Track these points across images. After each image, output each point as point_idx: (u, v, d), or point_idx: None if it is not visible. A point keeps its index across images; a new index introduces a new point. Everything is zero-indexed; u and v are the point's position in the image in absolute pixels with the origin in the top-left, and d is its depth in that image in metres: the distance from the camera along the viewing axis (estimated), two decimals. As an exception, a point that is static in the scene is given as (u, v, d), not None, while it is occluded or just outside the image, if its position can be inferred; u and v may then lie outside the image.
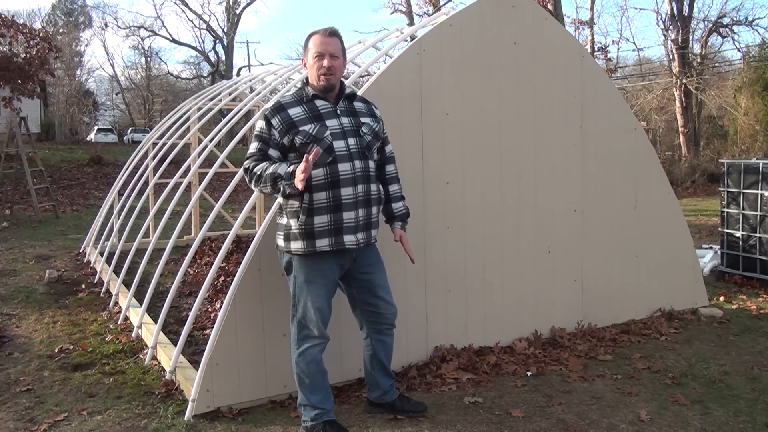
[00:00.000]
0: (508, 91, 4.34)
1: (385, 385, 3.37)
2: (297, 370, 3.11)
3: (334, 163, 2.97)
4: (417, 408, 3.39)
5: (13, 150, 11.63)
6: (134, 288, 5.10)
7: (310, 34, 3.09)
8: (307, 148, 2.94)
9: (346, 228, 3.01)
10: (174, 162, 7.33)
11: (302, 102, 3.07)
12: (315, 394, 3.11)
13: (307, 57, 3.09)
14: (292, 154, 3.02)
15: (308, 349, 3.08)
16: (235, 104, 7.52)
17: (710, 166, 18.77)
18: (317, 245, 2.98)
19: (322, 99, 3.08)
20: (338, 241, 3.01)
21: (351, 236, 3.03)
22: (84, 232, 8.96)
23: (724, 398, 3.61)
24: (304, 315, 3.07)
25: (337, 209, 2.98)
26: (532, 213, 4.45)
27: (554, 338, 4.47)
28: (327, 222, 2.98)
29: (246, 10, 43.35)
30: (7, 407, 3.57)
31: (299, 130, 2.98)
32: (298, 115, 3.02)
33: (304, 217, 2.95)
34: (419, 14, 24.22)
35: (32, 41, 16.00)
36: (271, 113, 3.04)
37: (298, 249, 3.01)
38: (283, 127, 3.00)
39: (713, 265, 6.66)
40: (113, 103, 48.70)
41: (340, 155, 2.98)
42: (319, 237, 2.98)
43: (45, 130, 29.27)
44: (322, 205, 2.96)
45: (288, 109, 3.04)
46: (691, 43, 23.58)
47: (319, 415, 3.09)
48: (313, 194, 2.95)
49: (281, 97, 3.18)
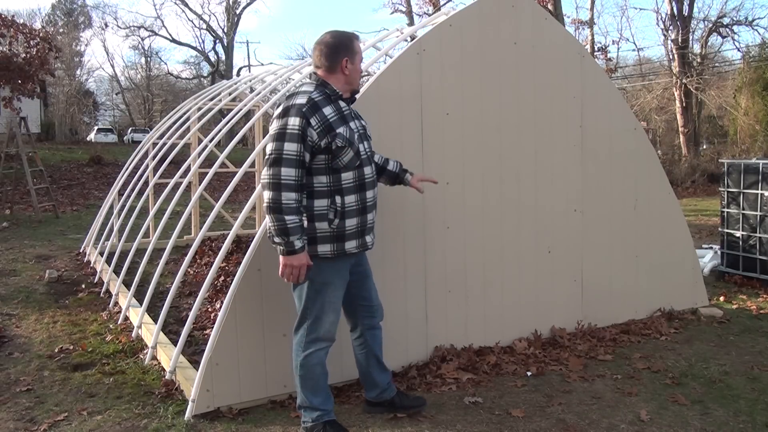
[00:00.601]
0: (508, 91, 4.34)
1: (383, 382, 3.37)
2: (300, 372, 3.08)
3: (360, 167, 3.01)
4: (416, 403, 3.40)
5: (13, 150, 11.63)
6: (134, 288, 5.10)
7: (351, 36, 3.07)
8: (342, 152, 2.91)
9: (368, 229, 3.10)
10: (174, 162, 7.32)
11: (330, 101, 2.98)
12: (317, 396, 3.10)
13: (353, 59, 3.03)
14: (323, 156, 2.91)
15: (316, 352, 3.06)
16: (235, 104, 7.52)
17: (710, 166, 18.77)
18: (346, 247, 3.00)
19: (343, 100, 3.06)
20: (363, 243, 3.08)
21: (370, 237, 3.13)
22: (84, 232, 8.96)
23: (724, 398, 3.61)
24: (318, 318, 3.03)
25: (363, 212, 3.04)
26: (532, 213, 4.45)
27: (554, 338, 4.47)
28: (356, 224, 3.01)
29: (246, 10, 43.37)
30: (7, 407, 3.57)
31: (337, 133, 2.90)
32: (332, 116, 2.93)
33: (338, 220, 2.95)
34: (419, 14, 24.25)
35: (32, 41, 16.01)
36: (309, 111, 2.86)
37: (326, 252, 2.96)
38: (322, 128, 2.88)
39: (713, 265, 6.66)
40: (113, 103, 48.73)
41: (363, 159, 3.03)
42: (349, 239, 3.00)
43: (45, 130, 29.27)
44: (353, 207, 2.99)
45: (322, 108, 2.91)
46: (691, 43, 23.61)
47: (320, 416, 3.09)
48: (344, 197, 2.96)
49: (309, 94, 2.92)
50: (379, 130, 3.78)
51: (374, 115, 3.76)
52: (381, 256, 3.79)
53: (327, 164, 2.92)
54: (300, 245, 2.84)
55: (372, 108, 3.75)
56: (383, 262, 3.82)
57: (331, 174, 2.94)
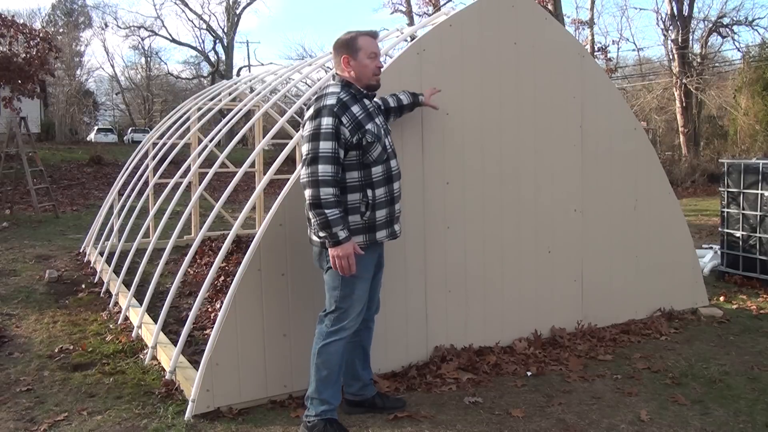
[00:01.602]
0: (508, 91, 4.34)
1: (365, 377, 3.41)
2: (318, 361, 3.12)
3: (387, 161, 3.15)
4: (397, 404, 3.45)
5: (13, 150, 11.64)
6: (134, 288, 5.10)
7: (355, 34, 3.14)
8: (372, 147, 3.03)
9: (396, 218, 3.23)
10: (174, 162, 7.32)
11: (357, 99, 3.09)
12: (328, 388, 3.12)
13: (356, 55, 3.10)
14: (354, 152, 3.02)
15: (338, 341, 3.12)
16: (235, 104, 7.51)
17: (710, 166, 18.77)
18: (377, 237, 3.14)
19: (367, 98, 3.16)
20: (392, 232, 3.22)
21: (397, 225, 3.26)
22: (84, 232, 8.96)
23: (724, 398, 3.61)
24: (349, 307, 3.11)
25: (391, 203, 3.18)
26: (532, 213, 4.45)
27: (554, 338, 4.47)
28: (386, 215, 3.15)
29: (246, 10, 43.33)
30: (7, 407, 3.57)
31: (366, 129, 3.03)
32: (360, 114, 3.05)
33: (369, 212, 3.07)
34: (419, 14, 24.23)
35: (32, 41, 16.00)
36: (340, 110, 2.98)
37: (359, 242, 3.06)
38: (353, 125, 3.00)
39: (713, 265, 6.67)
40: (113, 103, 48.69)
41: (389, 153, 3.17)
42: (379, 229, 3.14)
43: (45, 130, 29.23)
44: (382, 199, 3.12)
45: (351, 107, 3.03)
46: (691, 43, 23.61)
47: (326, 411, 3.11)
48: (375, 190, 3.08)
49: (338, 95, 3.03)
50: (379, 130, 3.78)
51: (374, 115, 3.76)
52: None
53: (358, 160, 3.04)
54: (344, 235, 2.94)
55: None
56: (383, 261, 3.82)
57: (362, 169, 3.06)
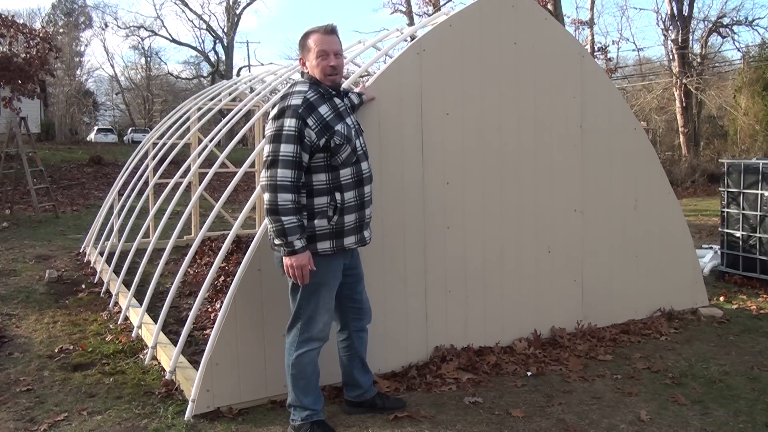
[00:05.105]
0: (508, 91, 4.34)
1: (365, 383, 3.39)
2: (293, 372, 3.09)
3: (358, 163, 3.03)
4: (397, 404, 3.44)
5: (13, 150, 11.63)
6: (134, 288, 5.10)
7: (307, 32, 3.06)
8: (340, 149, 2.93)
9: (366, 224, 3.12)
10: (174, 162, 7.32)
11: (325, 99, 2.99)
12: (308, 396, 3.11)
13: (308, 56, 3.03)
14: (321, 154, 2.92)
15: (308, 351, 3.07)
16: (235, 104, 7.52)
17: (710, 166, 18.77)
18: (345, 243, 3.02)
19: (337, 96, 3.07)
20: (361, 238, 3.11)
21: (367, 232, 3.15)
22: (84, 232, 8.96)
23: (724, 398, 3.61)
24: (312, 318, 3.04)
25: (361, 207, 3.07)
26: (532, 213, 4.45)
27: (554, 338, 4.47)
28: (355, 220, 3.04)
29: (246, 10, 43.45)
30: (7, 407, 3.57)
31: (335, 130, 2.92)
32: (328, 114, 2.94)
33: (337, 217, 2.97)
34: (419, 14, 24.24)
35: (32, 41, 15.99)
36: (305, 111, 2.87)
37: (325, 249, 2.97)
38: (320, 127, 2.89)
39: (713, 265, 6.67)
40: (113, 103, 48.72)
41: (360, 155, 3.05)
42: (347, 235, 3.03)
43: (45, 130, 29.25)
44: (352, 203, 3.02)
45: (318, 107, 2.93)
46: (691, 43, 23.62)
47: (310, 415, 3.10)
48: (344, 193, 2.98)
49: (304, 94, 2.93)
50: (379, 130, 3.78)
51: (374, 115, 3.76)
52: (381, 255, 3.80)
53: (326, 162, 2.94)
54: (300, 245, 2.85)
55: (372, 108, 3.75)
56: (383, 262, 3.82)
57: (330, 171, 2.96)
